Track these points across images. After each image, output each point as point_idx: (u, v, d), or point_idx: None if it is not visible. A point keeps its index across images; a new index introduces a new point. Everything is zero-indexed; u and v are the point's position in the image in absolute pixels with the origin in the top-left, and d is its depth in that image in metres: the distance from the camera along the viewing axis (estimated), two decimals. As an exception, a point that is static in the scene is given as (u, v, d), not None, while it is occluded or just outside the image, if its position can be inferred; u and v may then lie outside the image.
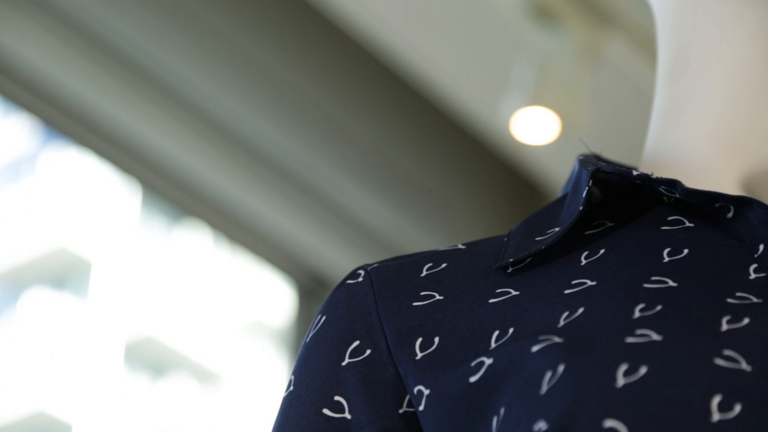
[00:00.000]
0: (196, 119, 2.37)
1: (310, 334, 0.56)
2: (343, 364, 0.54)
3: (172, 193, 2.50)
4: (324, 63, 2.46)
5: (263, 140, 2.44)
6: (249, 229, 2.59)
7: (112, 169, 2.46)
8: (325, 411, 0.53)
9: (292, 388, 0.55)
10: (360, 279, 0.56)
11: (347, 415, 0.53)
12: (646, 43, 2.15)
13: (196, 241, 2.63)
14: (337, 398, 0.53)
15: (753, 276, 0.49)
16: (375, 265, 0.57)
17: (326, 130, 2.49)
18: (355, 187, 2.56)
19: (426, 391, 0.51)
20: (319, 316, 0.56)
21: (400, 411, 0.52)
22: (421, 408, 0.51)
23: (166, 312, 2.63)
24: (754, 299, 0.47)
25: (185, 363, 2.71)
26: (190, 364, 2.73)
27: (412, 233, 2.64)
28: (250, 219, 2.57)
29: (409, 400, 0.52)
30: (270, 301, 2.74)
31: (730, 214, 0.51)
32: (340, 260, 2.60)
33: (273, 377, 2.71)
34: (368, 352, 0.54)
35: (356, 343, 0.54)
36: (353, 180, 2.56)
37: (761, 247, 0.49)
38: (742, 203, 0.51)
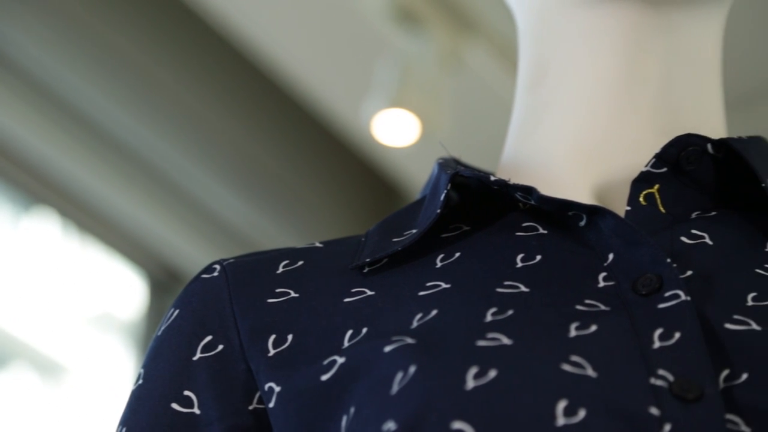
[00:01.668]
0: (47, 102, 2.30)
1: (162, 328, 0.56)
2: (195, 359, 0.53)
3: (20, 178, 2.42)
4: (185, 55, 2.43)
5: (118, 127, 2.39)
6: (101, 219, 2.54)
7: (-42, 151, 2.37)
8: (174, 405, 0.52)
9: (141, 381, 0.54)
10: (215, 273, 0.56)
11: (196, 410, 0.52)
12: (506, 52, 2.19)
13: (44, 229, 2.56)
14: (186, 393, 0.52)
15: (602, 284, 0.50)
16: (231, 261, 0.57)
17: (185, 123, 2.46)
18: (212, 181, 2.54)
19: (277, 389, 0.50)
20: (172, 310, 0.56)
21: (250, 407, 0.52)
22: (271, 405, 0.51)
23: (9, 301, 2.55)
24: (602, 307, 0.48)
25: (27, 353, 2.64)
26: (32, 354, 2.65)
27: (269, 230, 2.63)
28: (102, 208, 2.51)
29: (260, 396, 0.52)
30: (120, 293, 2.68)
31: (582, 223, 0.52)
32: (194, 254, 2.57)
33: (121, 371, 2.65)
34: (220, 347, 0.53)
35: (208, 338, 0.53)
36: (211, 174, 2.53)
37: (611, 256, 0.50)
38: (594, 212, 0.52)
